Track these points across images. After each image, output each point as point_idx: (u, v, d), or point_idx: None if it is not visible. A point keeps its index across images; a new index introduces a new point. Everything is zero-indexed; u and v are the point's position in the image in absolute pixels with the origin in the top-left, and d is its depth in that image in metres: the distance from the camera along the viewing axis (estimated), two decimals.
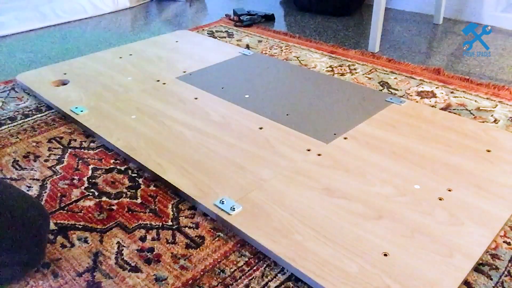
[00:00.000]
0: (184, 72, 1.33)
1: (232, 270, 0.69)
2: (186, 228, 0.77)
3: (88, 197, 0.85)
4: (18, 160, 0.97)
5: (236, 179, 0.86)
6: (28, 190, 0.87)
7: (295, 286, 0.66)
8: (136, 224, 0.78)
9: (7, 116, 1.15)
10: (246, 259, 0.71)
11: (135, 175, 0.91)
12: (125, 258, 0.71)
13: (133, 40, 1.67)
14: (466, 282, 0.66)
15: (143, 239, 0.75)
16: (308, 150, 0.95)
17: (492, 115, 1.11)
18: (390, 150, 0.94)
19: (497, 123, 1.08)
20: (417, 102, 1.18)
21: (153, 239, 0.75)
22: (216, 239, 0.75)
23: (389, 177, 0.86)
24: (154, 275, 0.68)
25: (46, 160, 0.97)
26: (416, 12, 2.05)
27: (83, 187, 0.88)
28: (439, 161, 0.90)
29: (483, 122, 1.08)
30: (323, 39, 1.72)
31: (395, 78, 1.34)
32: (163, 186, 0.87)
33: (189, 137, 1.00)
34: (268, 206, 0.79)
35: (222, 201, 0.79)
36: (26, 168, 0.94)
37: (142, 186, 0.88)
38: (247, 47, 1.58)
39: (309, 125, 1.04)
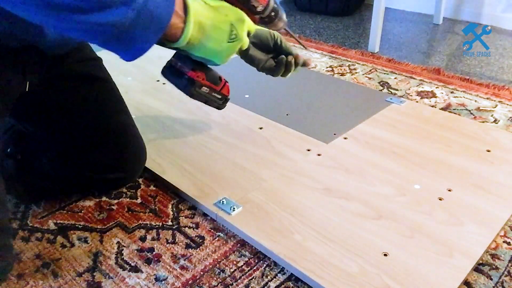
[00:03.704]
0: None
1: (232, 270, 0.69)
2: (186, 228, 0.77)
3: (88, 197, 0.85)
4: None
5: (236, 179, 0.86)
6: None
7: (295, 286, 0.66)
8: (136, 224, 0.78)
9: None
10: (246, 259, 0.71)
11: None
12: (125, 258, 0.71)
13: None
14: (466, 282, 0.66)
15: (143, 239, 0.75)
16: (308, 150, 0.95)
17: (492, 115, 1.11)
18: (390, 150, 0.94)
19: (497, 123, 1.08)
20: (417, 102, 1.18)
21: (153, 239, 0.75)
22: (216, 239, 0.75)
23: (389, 177, 0.86)
24: (154, 275, 0.68)
25: None
26: (416, 12, 2.05)
27: None
28: (439, 161, 0.90)
29: (483, 122, 1.08)
30: (323, 39, 1.72)
31: (395, 78, 1.34)
32: (163, 186, 0.87)
33: (189, 137, 1.00)
34: (268, 206, 0.79)
35: (222, 201, 0.79)
36: None
37: (142, 186, 0.88)
38: None
39: (309, 125, 1.04)
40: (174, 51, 0.70)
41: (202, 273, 0.68)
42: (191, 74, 0.71)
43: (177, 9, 0.58)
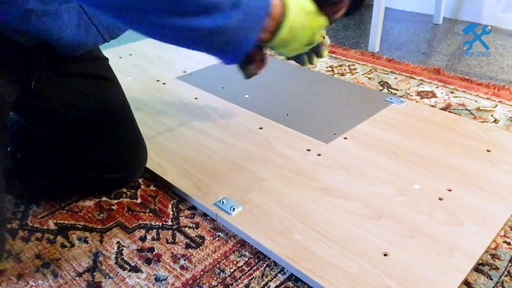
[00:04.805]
0: (184, 72, 1.33)
1: (232, 270, 0.69)
2: (186, 228, 0.77)
3: (88, 197, 0.85)
4: None
5: (236, 179, 0.86)
6: None
7: (295, 286, 0.66)
8: (136, 224, 0.78)
9: None
10: (246, 259, 0.71)
11: None
12: (125, 258, 0.71)
13: (133, 40, 1.67)
14: (466, 282, 0.66)
15: (143, 239, 0.75)
16: (308, 150, 0.95)
17: (492, 115, 1.11)
18: (390, 150, 0.94)
19: (497, 123, 1.08)
20: (417, 102, 1.18)
21: (153, 239, 0.75)
22: (216, 239, 0.75)
23: (389, 177, 0.86)
24: (154, 275, 0.68)
25: None
26: (416, 12, 2.05)
27: None
28: (439, 161, 0.90)
29: (483, 122, 1.08)
30: None
31: (395, 78, 1.34)
32: (163, 186, 0.87)
33: (189, 137, 1.00)
34: (268, 206, 0.79)
35: (222, 201, 0.79)
36: None
37: (142, 186, 0.88)
38: None
39: (309, 125, 1.04)
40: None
41: (202, 273, 0.68)
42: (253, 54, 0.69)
43: (275, 11, 0.58)
